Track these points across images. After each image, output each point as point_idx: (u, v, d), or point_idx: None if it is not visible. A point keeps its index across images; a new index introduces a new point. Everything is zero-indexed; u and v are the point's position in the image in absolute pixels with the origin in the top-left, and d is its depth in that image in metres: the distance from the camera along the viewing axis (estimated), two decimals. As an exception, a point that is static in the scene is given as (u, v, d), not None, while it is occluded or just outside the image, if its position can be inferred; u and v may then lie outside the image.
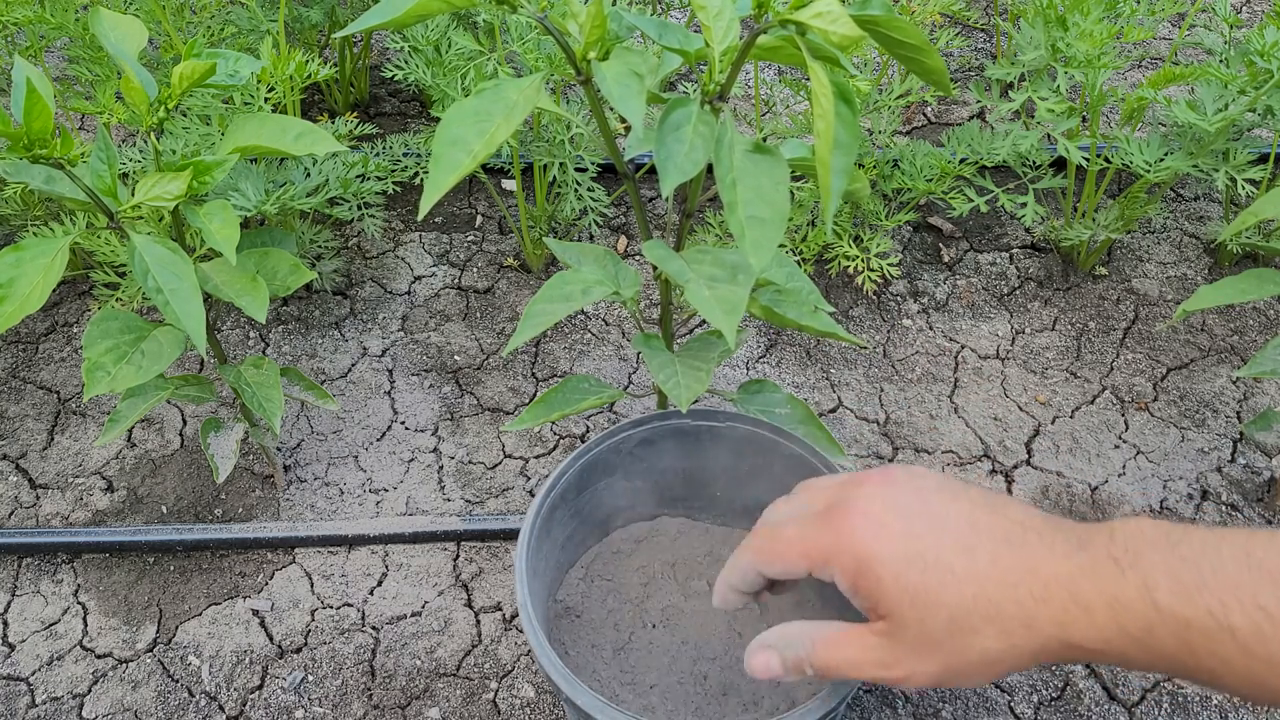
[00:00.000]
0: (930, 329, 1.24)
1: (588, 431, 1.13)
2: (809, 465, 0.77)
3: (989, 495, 0.48)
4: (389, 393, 1.17)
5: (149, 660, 0.94)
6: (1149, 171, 1.10)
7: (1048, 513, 0.47)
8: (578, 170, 1.21)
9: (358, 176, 1.14)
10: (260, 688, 0.92)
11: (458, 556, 1.01)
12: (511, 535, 1.02)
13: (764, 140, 0.93)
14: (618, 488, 0.84)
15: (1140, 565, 0.40)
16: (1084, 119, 1.25)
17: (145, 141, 1.17)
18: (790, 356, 1.21)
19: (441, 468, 1.09)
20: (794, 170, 0.67)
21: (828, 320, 0.73)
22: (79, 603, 0.98)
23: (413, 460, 1.10)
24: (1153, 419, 1.14)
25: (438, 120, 0.57)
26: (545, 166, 1.22)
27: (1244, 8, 1.83)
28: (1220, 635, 0.39)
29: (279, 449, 1.10)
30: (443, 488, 1.07)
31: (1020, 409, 1.15)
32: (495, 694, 0.91)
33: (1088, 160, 1.18)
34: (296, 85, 1.06)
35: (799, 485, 0.57)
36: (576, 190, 1.20)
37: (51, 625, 0.96)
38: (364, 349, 1.21)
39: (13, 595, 0.99)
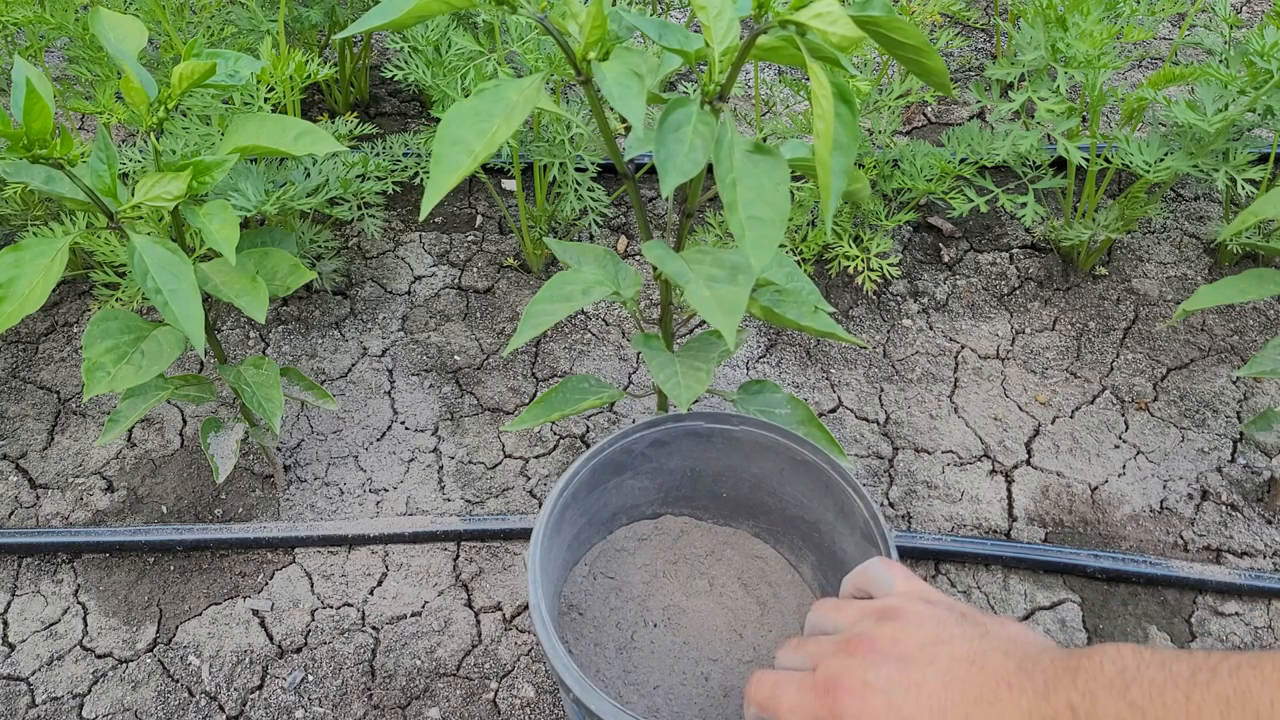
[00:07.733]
0: (930, 329, 1.24)
1: (588, 431, 1.13)
2: (819, 471, 0.78)
3: (972, 645, 0.51)
4: (389, 393, 1.17)
5: (149, 660, 0.94)
6: (1149, 171, 1.10)
7: (1023, 650, 0.51)
8: (578, 170, 1.21)
9: (358, 176, 1.14)
10: (260, 688, 0.92)
11: (458, 556, 1.01)
12: (511, 535, 1.02)
13: (764, 140, 0.93)
14: (626, 487, 0.84)
15: (1095, 714, 0.44)
16: (1084, 119, 1.25)
17: (145, 141, 1.17)
18: (790, 356, 1.21)
19: (441, 468, 1.09)
20: (794, 170, 0.67)
21: (827, 320, 0.73)
22: (79, 603, 0.98)
23: (413, 460, 1.10)
24: (1153, 419, 1.14)
25: (438, 120, 0.57)
26: (545, 166, 1.22)
27: (1244, 8, 1.83)
28: None
29: (279, 449, 1.10)
30: (443, 488, 1.07)
31: (1020, 409, 1.15)
32: (495, 694, 0.91)
33: (1088, 160, 1.18)
34: (296, 85, 1.06)
35: (808, 618, 0.62)
36: (576, 190, 1.20)
37: (51, 625, 0.96)
38: (364, 349, 1.21)
39: (13, 595, 0.99)
